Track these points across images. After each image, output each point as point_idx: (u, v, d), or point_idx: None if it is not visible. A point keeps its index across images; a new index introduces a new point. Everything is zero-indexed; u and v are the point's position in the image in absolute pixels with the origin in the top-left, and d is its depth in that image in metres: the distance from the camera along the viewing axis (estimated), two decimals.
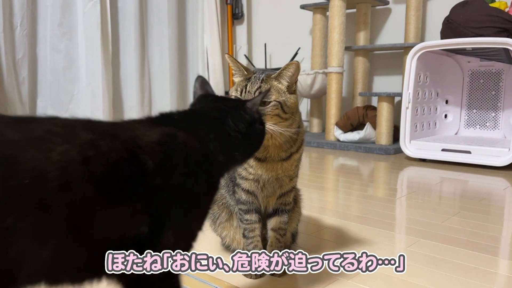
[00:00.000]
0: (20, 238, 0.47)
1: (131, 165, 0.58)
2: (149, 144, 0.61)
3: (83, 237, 0.54)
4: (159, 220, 0.61)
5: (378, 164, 2.72)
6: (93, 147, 0.55)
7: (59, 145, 0.51)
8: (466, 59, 3.09)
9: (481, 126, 3.11)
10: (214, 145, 0.72)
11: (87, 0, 3.26)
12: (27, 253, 0.48)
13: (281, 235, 1.12)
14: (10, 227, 0.46)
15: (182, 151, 0.65)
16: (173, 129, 0.67)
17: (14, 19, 3.01)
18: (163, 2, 3.83)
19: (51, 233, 0.50)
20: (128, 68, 3.67)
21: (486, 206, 1.79)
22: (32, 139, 0.50)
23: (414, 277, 1.10)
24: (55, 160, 0.50)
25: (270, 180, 1.06)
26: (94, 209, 0.54)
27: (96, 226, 0.55)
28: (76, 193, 0.51)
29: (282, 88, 0.98)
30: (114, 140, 0.58)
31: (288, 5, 4.11)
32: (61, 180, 0.50)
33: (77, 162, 0.52)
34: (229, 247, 1.21)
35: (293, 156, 1.06)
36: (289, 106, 0.98)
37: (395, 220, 1.61)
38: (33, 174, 0.48)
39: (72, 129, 0.56)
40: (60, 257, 0.52)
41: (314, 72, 3.52)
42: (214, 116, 0.75)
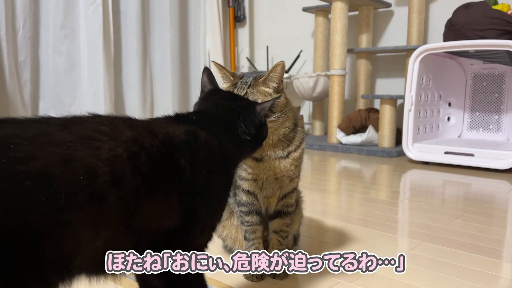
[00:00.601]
0: (77, 230, 0.51)
1: (168, 161, 0.63)
2: (180, 142, 0.66)
3: (130, 228, 0.58)
4: (188, 213, 0.66)
5: (380, 167, 2.71)
6: (137, 144, 0.59)
7: (106, 143, 0.56)
8: (469, 61, 3.08)
9: (484, 128, 3.10)
10: (231, 145, 0.77)
11: (90, 3, 3.26)
12: (82, 244, 0.52)
13: (283, 237, 1.11)
14: (68, 220, 0.49)
15: (206, 149, 0.70)
16: (196, 128, 0.71)
17: (16, 22, 3.01)
18: (165, 4, 3.83)
19: (104, 225, 0.54)
20: (130, 70, 3.67)
21: (489, 209, 1.77)
22: (83, 139, 0.54)
23: (417, 280, 1.09)
24: (105, 157, 0.54)
25: (268, 179, 1.06)
26: (140, 202, 0.58)
27: (141, 218, 0.59)
28: (126, 187, 0.55)
29: (269, 91, 0.99)
30: (154, 137, 0.62)
31: (290, 7, 4.11)
32: (111, 175, 0.54)
33: (124, 158, 0.56)
34: (231, 250, 1.20)
35: (291, 154, 1.04)
36: (275, 106, 0.99)
37: (397, 223, 1.60)
38: (87, 170, 0.51)
39: (116, 127, 0.60)
40: (109, 247, 0.57)
41: (316, 74, 3.51)
42: (228, 118, 0.80)
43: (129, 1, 3.58)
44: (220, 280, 1.08)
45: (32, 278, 0.48)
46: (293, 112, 1.05)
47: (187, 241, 0.68)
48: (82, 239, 0.52)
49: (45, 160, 0.49)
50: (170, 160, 0.63)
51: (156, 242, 0.64)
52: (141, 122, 0.66)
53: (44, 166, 0.48)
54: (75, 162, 0.51)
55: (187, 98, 4.13)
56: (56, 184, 0.49)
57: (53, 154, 0.50)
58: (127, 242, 0.59)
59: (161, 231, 0.64)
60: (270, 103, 0.85)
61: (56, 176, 0.49)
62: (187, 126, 0.71)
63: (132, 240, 0.60)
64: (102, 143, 0.55)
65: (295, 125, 1.05)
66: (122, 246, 0.59)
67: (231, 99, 0.85)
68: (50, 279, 0.51)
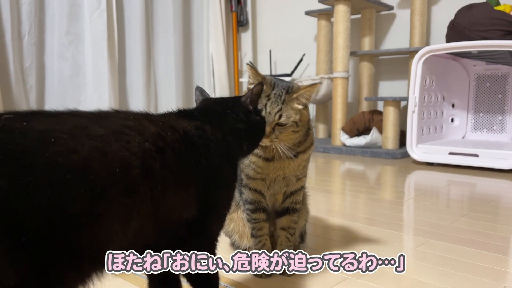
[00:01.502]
0: (110, 221, 0.52)
1: (187, 155, 0.66)
2: (195, 137, 0.69)
3: (156, 218, 0.60)
4: (204, 204, 0.69)
5: (385, 168, 2.71)
6: (161, 139, 0.62)
7: (135, 137, 0.58)
8: (472, 62, 3.09)
9: (488, 129, 3.10)
10: (231, 137, 0.80)
11: (94, 8, 3.29)
12: (114, 235, 0.54)
13: (291, 234, 1.12)
14: (103, 212, 0.51)
15: (215, 142, 0.73)
16: (201, 123, 0.74)
17: (22, 28, 3.04)
18: (168, 9, 3.86)
19: (135, 216, 0.55)
20: (134, 75, 3.69)
21: (494, 208, 1.77)
22: (114, 133, 0.56)
23: (424, 276, 1.10)
24: (136, 151, 0.56)
25: (277, 179, 1.07)
26: (167, 194, 0.60)
27: (166, 209, 0.61)
28: (155, 179, 0.58)
29: (299, 108, 1.01)
30: (174, 132, 0.65)
31: (293, 11, 4.13)
32: (141, 167, 0.56)
33: (153, 151, 0.58)
34: (238, 246, 1.21)
35: (300, 156, 1.06)
36: (302, 121, 1.02)
37: (403, 222, 1.61)
38: (121, 163, 0.53)
39: (141, 123, 0.62)
40: (138, 237, 0.58)
41: (319, 77, 3.52)
42: (221, 111, 0.83)
43: (133, 6, 3.62)
44: (227, 277, 1.08)
45: (68, 267, 0.50)
46: (308, 119, 1.08)
47: (205, 230, 0.71)
48: (115, 230, 0.53)
49: (84, 153, 0.50)
50: (188, 154, 0.66)
51: (177, 232, 0.67)
52: (159, 117, 0.69)
53: (83, 159, 0.50)
54: (110, 155, 0.53)
55: (190, 102, 4.15)
56: (93, 176, 0.50)
57: (90, 147, 0.51)
58: (153, 232, 0.61)
59: (181, 221, 0.66)
60: (249, 94, 0.87)
61: (94, 169, 0.50)
62: (194, 122, 0.73)
63: (157, 230, 0.62)
64: (131, 137, 0.57)
65: (309, 128, 1.08)
66: (148, 236, 0.61)
67: (220, 100, 0.89)
68: (84, 269, 0.52)
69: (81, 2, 3.30)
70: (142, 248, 0.63)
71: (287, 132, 1.00)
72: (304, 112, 1.02)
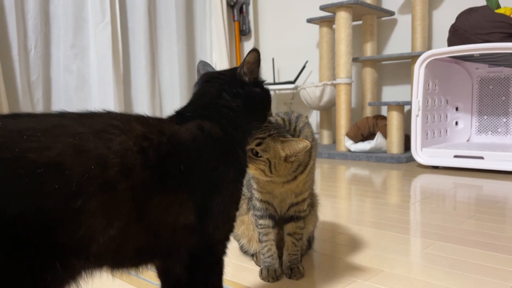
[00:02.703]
0: (89, 217, 0.53)
1: (176, 158, 0.65)
2: (186, 141, 0.68)
3: (143, 220, 0.60)
4: (201, 210, 0.68)
5: (390, 173, 2.71)
6: (146, 140, 0.61)
7: (118, 136, 0.58)
8: (475, 65, 3.10)
9: (493, 132, 3.10)
10: (231, 125, 0.76)
11: (98, 21, 3.34)
12: (95, 232, 0.54)
13: (297, 239, 1.13)
14: (80, 208, 0.52)
15: (211, 144, 0.71)
16: (198, 122, 0.72)
17: (28, 42, 3.09)
18: (171, 20, 3.91)
19: (115, 214, 0.56)
20: (139, 86, 3.73)
21: (501, 209, 1.77)
22: (95, 131, 0.57)
23: (432, 277, 1.10)
24: (116, 149, 0.57)
25: (281, 193, 1.09)
26: (150, 194, 0.60)
27: (152, 211, 0.61)
28: (135, 178, 0.58)
29: (281, 155, 0.96)
30: (162, 135, 0.65)
31: (295, 19, 4.17)
32: (121, 166, 0.56)
33: (134, 151, 0.59)
34: (246, 251, 1.22)
35: (299, 177, 1.05)
36: (277, 171, 0.97)
37: (409, 225, 1.61)
38: (98, 161, 0.54)
39: (128, 123, 0.62)
40: (124, 239, 0.58)
41: (322, 84, 3.55)
42: (216, 95, 0.80)
43: (137, 18, 3.66)
44: (236, 281, 1.09)
45: (54, 262, 0.51)
46: (298, 163, 1.03)
47: (208, 236, 0.70)
48: (95, 226, 0.54)
49: (58, 149, 0.52)
50: (178, 158, 0.65)
51: (175, 238, 0.66)
52: (152, 120, 0.69)
53: (56, 155, 0.51)
54: (87, 152, 0.54)
55: None
56: (68, 172, 0.51)
57: (65, 144, 0.53)
58: (144, 236, 0.61)
59: (178, 227, 0.65)
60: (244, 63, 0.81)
61: (68, 165, 0.52)
62: (188, 124, 0.71)
63: (150, 235, 0.62)
64: (114, 136, 0.58)
65: (299, 166, 1.04)
66: (140, 239, 0.61)
67: (215, 78, 0.84)
68: (71, 265, 0.53)
69: (86, 15, 3.36)
70: (135, 253, 0.63)
71: (258, 172, 0.96)
72: (282, 164, 0.97)
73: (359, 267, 1.17)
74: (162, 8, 3.87)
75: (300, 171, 1.04)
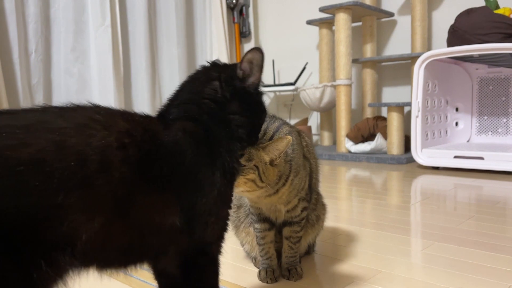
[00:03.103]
0: (71, 212, 0.53)
1: (159, 158, 0.64)
2: (169, 142, 0.67)
3: (125, 218, 0.60)
4: (186, 211, 0.67)
5: (390, 174, 2.72)
6: (129, 136, 0.61)
7: (99, 131, 0.58)
8: (474, 66, 3.10)
9: (493, 132, 3.10)
10: (216, 128, 0.73)
11: (99, 25, 3.35)
12: (78, 226, 0.54)
13: (293, 243, 1.12)
14: (62, 203, 0.52)
15: (192, 147, 0.69)
16: (181, 124, 0.70)
17: (29, 46, 3.11)
18: (172, 23, 3.92)
19: (97, 210, 0.56)
20: (140, 88, 3.74)
21: (501, 210, 1.77)
22: (77, 126, 0.57)
23: (431, 277, 1.10)
24: (96, 145, 0.57)
25: (267, 204, 1.08)
26: (131, 191, 0.60)
27: (135, 209, 0.61)
28: (113, 175, 0.57)
29: (265, 159, 0.94)
30: (145, 132, 0.64)
31: (294, 21, 4.17)
32: (99, 163, 0.56)
33: (114, 147, 0.58)
34: (249, 254, 1.23)
35: (281, 190, 1.02)
36: (267, 177, 0.95)
37: (410, 225, 1.61)
38: (77, 157, 0.54)
39: (112, 118, 0.62)
40: (108, 236, 0.58)
41: (322, 85, 3.55)
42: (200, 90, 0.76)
43: (137, 21, 3.68)
44: (236, 283, 1.10)
45: (39, 260, 0.51)
46: (279, 173, 1.00)
47: (197, 237, 0.70)
48: (77, 222, 0.54)
49: (39, 146, 0.52)
50: (160, 158, 0.64)
51: (163, 238, 0.66)
52: (137, 117, 0.68)
53: (36, 152, 0.51)
54: (67, 149, 0.54)
55: None
56: (49, 169, 0.52)
57: (46, 140, 0.53)
58: (129, 235, 0.61)
59: (164, 227, 0.65)
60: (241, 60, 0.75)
61: (49, 161, 0.52)
62: (172, 125, 0.70)
63: (135, 234, 0.62)
64: (95, 131, 0.58)
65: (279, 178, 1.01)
66: (125, 238, 0.61)
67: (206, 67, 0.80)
68: (56, 262, 0.53)
69: (86, 19, 3.37)
70: (122, 253, 0.63)
71: (249, 185, 0.94)
72: (269, 168, 0.95)
73: (357, 268, 1.18)
74: (162, 11, 3.89)
75: (281, 184, 1.01)
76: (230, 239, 1.31)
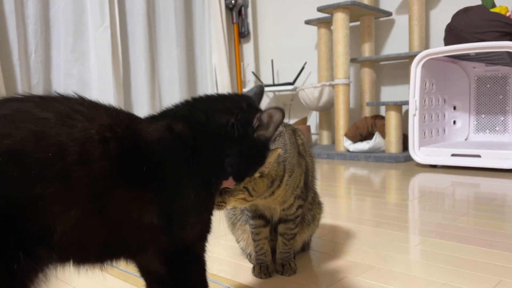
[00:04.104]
0: (48, 203, 0.53)
1: (140, 155, 0.64)
2: (154, 142, 0.66)
3: (102, 212, 0.59)
4: (165, 210, 0.66)
5: (388, 172, 2.73)
6: (110, 130, 0.61)
7: (80, 123, 0.58)
8: (471, 64, 3.11)
9: (491, 130, 3.11)
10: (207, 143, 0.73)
11: (98, 26, 3.37)
12: (55, 218, 0.54)
13: (288, 239, 1.14)
14: (39, 194, 0.52)
15: (178, 147, 0.69)
16: (170, 122, 0.71)
17: (28, 47, 3.13)
18: (171, 24, 3.94)
19: (74, 201, 0.56)
20: (139, 89, 3.76)
21: (497, 207, 1.79)
22: (58, 116, 0.57)
23: (425, 272, 1.12)
24: (75, 136, 0.56)
25: (263, 204, 1.09)
26: (109, 186, 0.59)
27: (113, 204, 0.60)
28: (92, 167, 0.57)
29: (255, 175, 0.93)
30: (127, 129, 0.64)
31: (293, 21, 4.19)
32: (79, 154, 0.56)
33: (95, 140, 0.58)
34: (244, 251, 1.25)
35: (276, 192, 1.03)
36: (256, 191, 0.95)
37: (408, 223, 1.62)
38: (56, 148, 0.54)
39: (95, 110, 0.62)
40: (85, 229, 0.58)
41: (321, 84, 3.56)
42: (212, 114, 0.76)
43: (136, 22, 3.70)
44: (230, 278, 1.11)
45: (17, 252, 0.51)
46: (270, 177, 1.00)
47: (175, 238, 0.69)
48: (54, 213, 0.54)
49: (18, 136, 0.52)
50: (142, 157, 0.64)
51: (141, 236, 0.65)
52: (122, 114, 0.67)
53: (16, 143, 0.51)
54: (46, 139, 0.54)
55: None
56: (28, 160, 0.51)
57: (26, 131, 0.53)
58: (106, 230, 0.61)
59: (143, 224, 0.64)
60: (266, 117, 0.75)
61: (28, 152, 0.52)
62: (159, 123, 0.70)
63: (112, 229, 0.61)
64: (76, 122, 0.57)
65: (272, 182, 1.01)
66: (102, 232, 0.60)
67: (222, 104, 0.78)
68: (35, 255, 0.53)
69: (85, 20, 3.39)
70: (99, 248, 0.62)
71: (239, 202, 0.94)
72: (258, 182, 0.94)
73: (352, 263, 1.19)
74: (161, 12, 3.90)
75: (276, 185, 1.02)
76: (226, 236, 1.33)
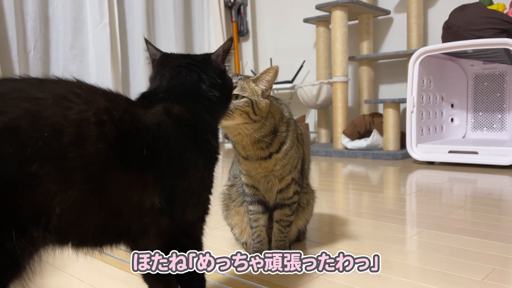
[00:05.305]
0: (45, 182, 0.54)
1: (139, 138, 0.64)
2: (152, 125, 0.67)
3: (100, 194, 0.59)
4: (167, 193, 0.67)
5: (386, 169, 2.74)
6: (107, 113, 0.61)
7: (78, 105, 0.58)
8: (469, 62, 3.12)
9: (488, 128, 3.12)
10: (204, 113, 0.77)
11: (97, 23, 3.38)
12: (52, 197, 0.54)
13: (284, 226, 1.15)
14: (35, 172, 0.53)
15: (178, 129, 0.70)
16: (167, 105, 0.71)
17: (27, 44, 3.14)
18: (170, 21, 3.95)
19: (71, 182, 0.56)
20: (138, 86, 3.76)
21: (492, 201, 1.80)
22: (55, 97, 0.57)
23: (419, 261, 1.13)
24: (72, 118, 0.56)
25: (258, 176, 1.11)
26: (106, 168, 0.59)
27: (111, 186, 0.60)
28: (88, 149, 0.57)
29: (257, 91, 1.02)
30: (125, 113, 0.64)
31: (292, 19, 4.20)
32: (75, 135, 0.56)
33: (91, 122, 0.58)
34: (237, 240, 1.25)
35: (274, 156, 1.06)
36: (260, 109, 1.01)
37: (402, 215, 1.63)
38: (52, 128, 0.55)
39: (93, 94, 0.62)
40: (83, 210, 0.58)
41: (319, 82, 3.57)
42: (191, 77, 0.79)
43: (135, 19, 3.71)
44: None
45: (12, 229, 0.52)
46: (274, 120, 1.07)
47: (175, 220, 0.70)
48: (51, 193, 0.54)
49: (14, 114, 0.52)
50: (141, 140, 0.64)
51: (142, 219, 0.66)
52: (120, 98, 0.67)
53: (11, 120, 0.52)
54: (42, 119, 0.54)
55: None
56: (23, 137, 0.52)
57: (22, 109, 0.53)
58: (105, 212, 0.61)
59: (144, 207, 0.65)
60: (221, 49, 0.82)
61: (23, 130, 0.52)
62: (157, 107, 0.70)
63: (111, 211, 0.61)
64: (73, 104, 0.57)
65: (274, 131, 1.07)
66: (101, 215, 0.60)
67: (186, 57, 0.84)
68: (30, 234, 0.54)
69: (84, 17, 3.40)
70: (98, 230, 0.62)
71: (244, 117, 0.99)
72: (262, 100, 1.02)
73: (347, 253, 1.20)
74: (160, 9, 3.91)
75: (275, 148, 1.06)
76: (221, 228, 1.34)
